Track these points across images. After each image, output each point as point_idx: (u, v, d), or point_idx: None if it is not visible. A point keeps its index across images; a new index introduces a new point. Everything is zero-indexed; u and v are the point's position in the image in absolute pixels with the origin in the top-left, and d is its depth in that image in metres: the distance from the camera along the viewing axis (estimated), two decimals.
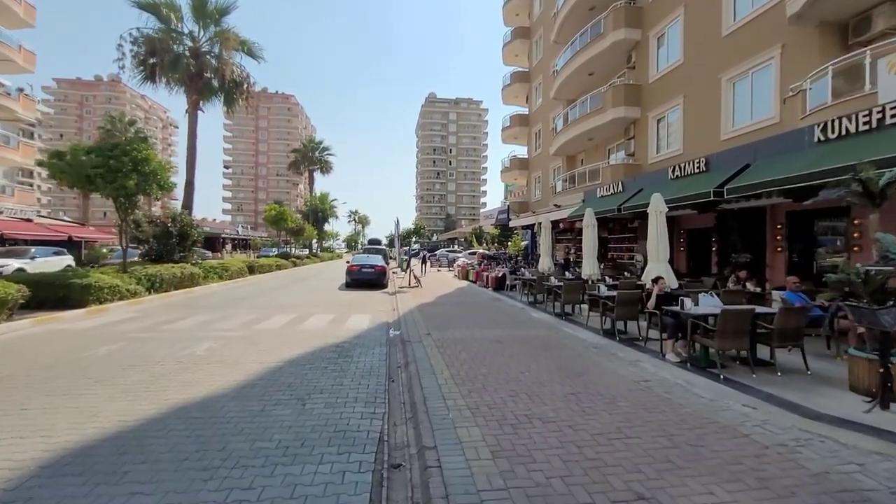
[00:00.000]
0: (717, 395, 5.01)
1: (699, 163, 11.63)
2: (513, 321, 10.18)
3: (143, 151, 12.16)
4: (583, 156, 23.42)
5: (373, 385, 5.47)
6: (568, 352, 7.15)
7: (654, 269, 8.10)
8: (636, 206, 12.79)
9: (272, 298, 14.33)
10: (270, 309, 11.97)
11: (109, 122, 45.10)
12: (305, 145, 46.68)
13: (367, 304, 13.42)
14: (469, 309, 12.23)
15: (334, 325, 9.77)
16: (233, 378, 5.65)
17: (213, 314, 10.92)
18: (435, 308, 12.45)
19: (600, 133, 19.78)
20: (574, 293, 10.43)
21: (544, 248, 14.08)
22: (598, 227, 21.70)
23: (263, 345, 7.61)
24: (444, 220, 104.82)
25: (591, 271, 10.83)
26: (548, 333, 8.70)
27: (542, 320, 10.31)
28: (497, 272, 18.19)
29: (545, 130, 27.54)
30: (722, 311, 5.55)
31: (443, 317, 10.82)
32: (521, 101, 32.85)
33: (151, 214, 16.10)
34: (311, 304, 13.07)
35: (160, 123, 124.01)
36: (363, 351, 7.28)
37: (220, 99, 19.06)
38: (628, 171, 17.18)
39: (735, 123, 12.69)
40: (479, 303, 13.64)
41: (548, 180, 26.98)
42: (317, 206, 44.44)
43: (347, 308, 12.52)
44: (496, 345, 7.60)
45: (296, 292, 16.50)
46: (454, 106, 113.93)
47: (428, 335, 8.50)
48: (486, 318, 10.67)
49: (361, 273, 18.65)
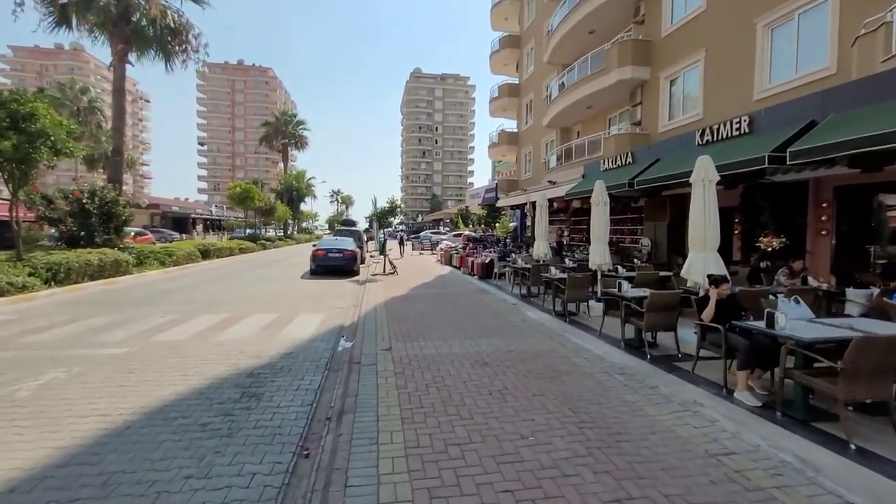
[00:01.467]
0: (875, 498, 2.82)
1: (740, 123, 9.34)
2: (503, 325, 7.92)
3: (27, 105, 9.38)
4: (579, 127, 21.03)
5: (266, 471, 3.14)
6: (587, 383, 4.91)
7: (699, 263, 5.86)
8: (655, 180, 10.50)
9: (211, 291, 11.82)
10: (199, 306, 9.51)
11: (59, 90, 40.96)
12: (278, 118, 43.15)
13: (326, 298, 11.03)
14: (449, 305, 9.95)
15: (268, 332, 7.38)
16: (7, 465, 3.26)
17: (117, 316, 8.43)
18: (408, 304, 10.13)
19: (601, 99, 17.36)
20: (581, 288, 8.19)
21: (539, 230, 11.80)
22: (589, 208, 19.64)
23: (141, 373, 5.21)
24: (430, 200, 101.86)
25: (600, 259, 8.60)
26: (551, 346, 6.46)
27: (540, 323, 8.07)
28: (484, 257, 15.92)
29: (537, 101, 24.98)
30: (861, 339, 3.32)
31: (415, 317, 8.51)
32: (511, 69, 30.05)
33: (66, 189, 13.24)
34: (256, 299, 10.63)
35: (129, 97, 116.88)
36: (286, 384, 4.93)
37: (156, 52, 15.98)
38: (635, 141, 14.86)
39: (773, 78, 10.41)
40: (461, 296, 11.36)
41: (539, 155, 24.58)
42: (291, 183, 41.35)
43: (299, 304, 10.12)
44: (481, 370, 5.33)
45: (247, 282, 14.00)
46: (440, 82, 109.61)
47: (388, 350, 6.19)
48: (469, 319, 8.40)
49: (328, 259, 16.18)
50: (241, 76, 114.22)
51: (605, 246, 8.68)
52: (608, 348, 6.28)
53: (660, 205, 13.97)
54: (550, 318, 8.51)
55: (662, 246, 13.86)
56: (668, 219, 13.72)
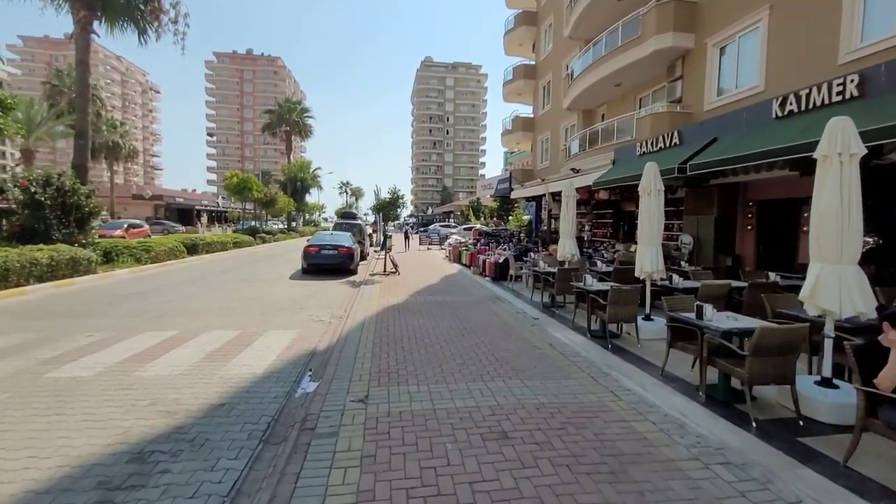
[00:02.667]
0: None
1: (843, 84, 7.17)
2: (526, 354, 5.97)
3: None
4: (604, 110, 18.81)
5: None
6: (676, 487, 2.96)
7: (833, 282, 3.82)
8: (725, 161, 8.27)
9: (174, 297, 10.05)
10: (146, 319, 7.72)
11: (55, 76, 39.62)
12: (281, 105, 41.25)
13: (308, 306, 9.19)
14: (455, 319, 8.02)
15: (213, 362, 5.53)
16: None
17: (32, 333, 6.66)
18: (404, 316, 8.24)
19: (633, 75, 15.16)
20: (628, 305, 6.19)
21: (565, 226, 9.78)
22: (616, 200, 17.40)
23: None
24: (441, 192, 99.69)
25: (651, 266, 6.57)
26: (598, 398, 4.49)
27: (574, 351, 6.10)
28: (497, 255, 13.94)
29: (556, 82, 22.74)
30: None
31: (409, 340, 6.60)
32: (527, 50, 27.74)
33: (29, 175, 11.54)
34: (222, 308, 8.83)
35: (139, 87, 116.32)
36: (181, 480, 3.05)
37: (125, 21, 14.18)
38: (675, 120, 12.69)
39: (866, 36, 8.20)
40: (471, 306, 9.43)
41: (558, 142, 22.40)
42: (295, 174, 39.62)
43: (273, 315, 8.29)
44: (498, 450, 3.38)
45: (225, 284, 12.24)
46: (452, 70, 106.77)
47: (362, 402, 4.30)
48: (480, 344, 6.46)
49: (321, 256, 14.35)
50: (249, 66, 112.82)
51: (657, 248, 6.63)
52: (684, 403, 4.29)
53: (704, 196, 11.81)
54: (585, 341, 6.52)
55: (707, 244, 11.73)
56: (715, 212, 11.57)
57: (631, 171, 11.20)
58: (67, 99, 38.99)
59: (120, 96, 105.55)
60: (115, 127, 43.37)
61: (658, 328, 6.35)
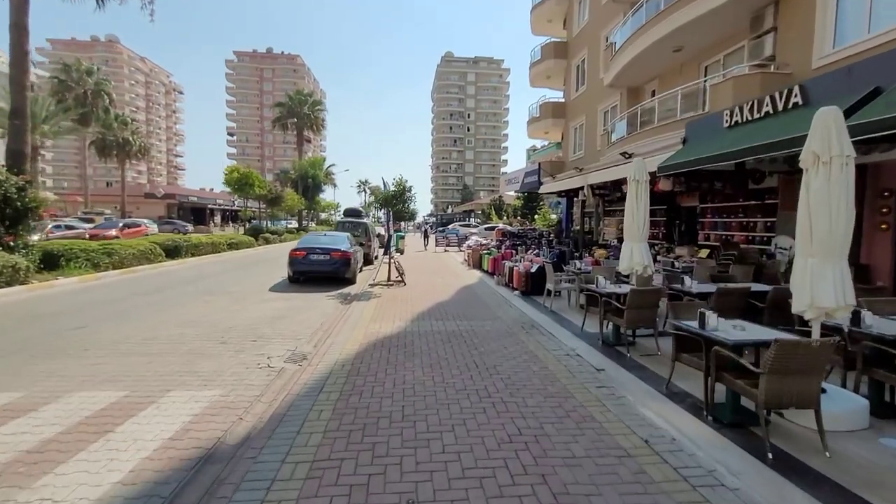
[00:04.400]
0: None
1: None
2: (610, 472, 3.08)
3: None
4: (654, 85, 15.62)
5: None
6: None
7: None
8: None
9: (98, 318, 7.50)
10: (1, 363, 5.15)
11: (63, 72, 38.45)
12: (292, 97, 39.06)
13: (264, 339, 6.46)
14: (471, 372, 5.16)
15: (15, 475, 2.84)
16: None
17: None
18: (394, 362, 5.42)
19: (699, 34, 11.98)
20: (810, 376, 3.20)
21: (633, 227, 6.74)
22: (680, 191, 13.95)
23: None
24: (461, 191, 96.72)
25: (834, 300, 3.54)
26: None
27: (709, 467, 3.17)
28: (528, 263, 10.98)
29: (592, 59, 19.60)
30: None
31: (388, 426, 3.78)
32: (557, 27, 24.57)
33: None
34: (137, 343, 6.20)
35: (163, 88, 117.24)
36: None
37: None
38: (767, 82, 9.49)
39: None
40: (495, 340, 6.55)
41: (595, 127, 19.25)
42: (306, 171, 37.41)
43: (201, 355, 5.58)
44: None
45: (185, 297, 9.68)
46: (473, 65, 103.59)
47: None
48: (519, 443, 3.60)
49: (308, 262, 11.66)
50: (269, 64, 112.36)
51: (844, 263, 3.62)
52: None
53: None
54: (714, 434, 3.51)
55: None
56: None
57: (721, 149, 8.11)
58: (75, 94, 37.97)
59: (144, 97, 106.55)
60: (126, 124, 42.11)
61: None
